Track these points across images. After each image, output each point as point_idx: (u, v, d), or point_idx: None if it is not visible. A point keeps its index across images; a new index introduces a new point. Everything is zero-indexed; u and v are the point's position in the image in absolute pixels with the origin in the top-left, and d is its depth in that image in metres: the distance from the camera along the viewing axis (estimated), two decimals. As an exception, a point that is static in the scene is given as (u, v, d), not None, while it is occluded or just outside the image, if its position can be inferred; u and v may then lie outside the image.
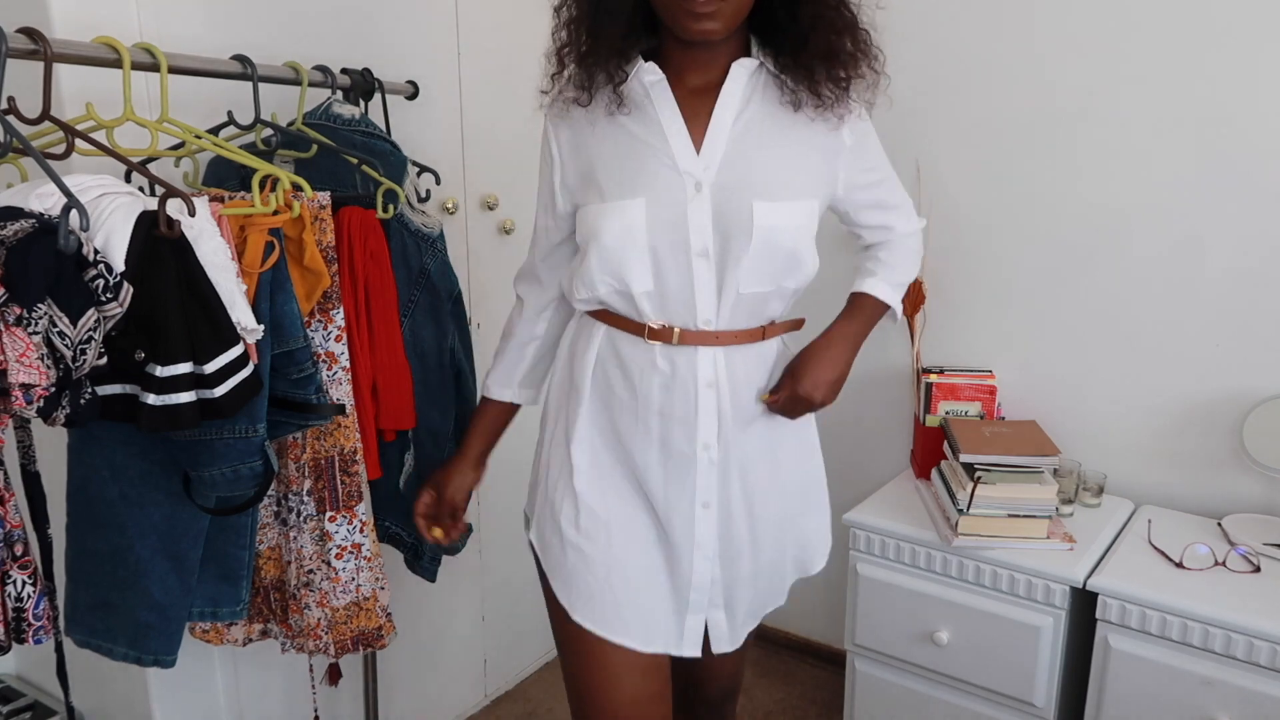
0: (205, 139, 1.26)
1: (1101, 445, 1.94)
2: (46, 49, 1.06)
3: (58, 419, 0.97)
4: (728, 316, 1.19)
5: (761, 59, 1.19)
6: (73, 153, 1.11)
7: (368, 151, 1.42)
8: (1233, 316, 1.76)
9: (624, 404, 1.24)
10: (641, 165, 1.17)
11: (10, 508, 1.02)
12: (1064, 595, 1.61)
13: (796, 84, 1.17)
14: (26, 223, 0.92)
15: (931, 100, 2.03)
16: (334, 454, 1.33)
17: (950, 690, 1.78)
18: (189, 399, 1.04)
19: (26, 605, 1.03)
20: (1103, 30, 1.81)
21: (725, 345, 1.21)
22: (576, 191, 1.24)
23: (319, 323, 1.31)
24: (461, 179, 1.99)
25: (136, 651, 1.24)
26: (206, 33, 1.47)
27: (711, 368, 1.21)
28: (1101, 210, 1.86)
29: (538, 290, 1.35)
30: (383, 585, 1.40)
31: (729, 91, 1.17)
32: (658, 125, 1.18)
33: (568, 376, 1.30)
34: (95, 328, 0.96)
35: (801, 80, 1.16)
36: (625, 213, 1.16)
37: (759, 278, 1.17)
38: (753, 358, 1.24)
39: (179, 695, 1.60)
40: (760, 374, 1.25)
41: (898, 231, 1.34)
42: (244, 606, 1.31)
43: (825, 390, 1.25)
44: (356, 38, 1.72)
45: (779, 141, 1.18)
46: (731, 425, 1.23)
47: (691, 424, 1.21)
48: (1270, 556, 1.63)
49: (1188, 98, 1.74)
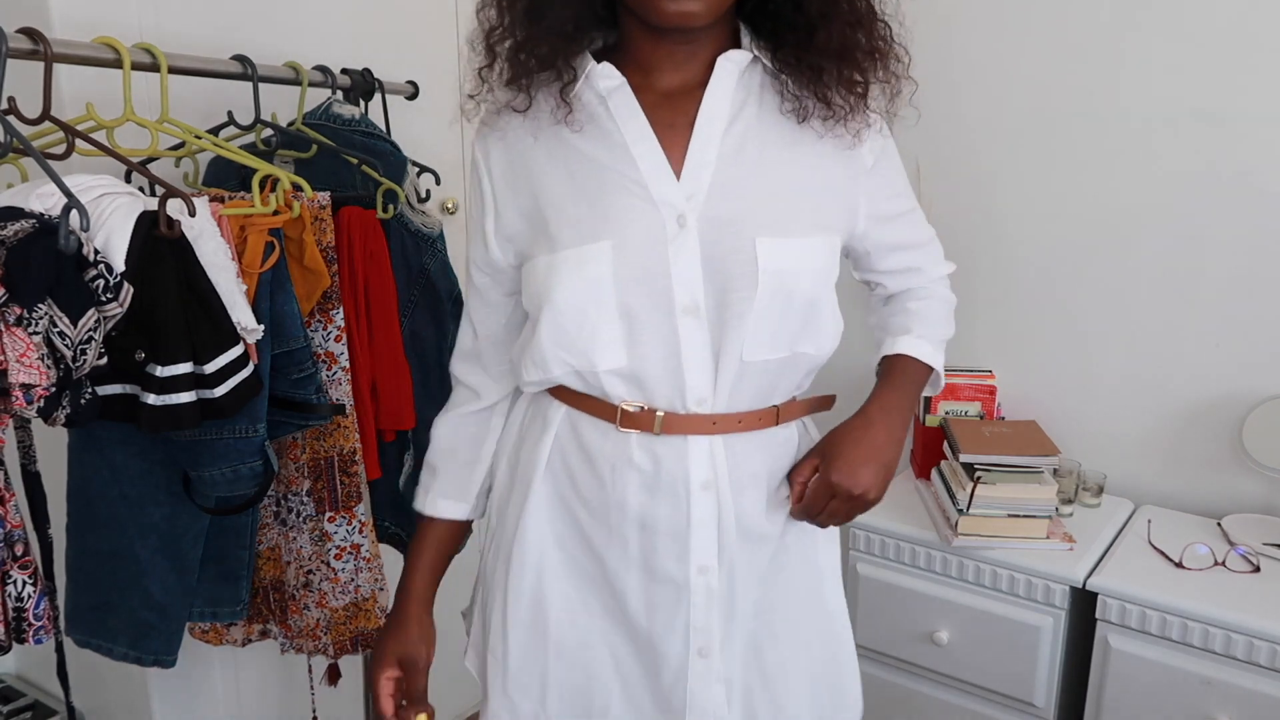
0: (205, 139, 1.26)
1: (1101, 445, 1.94)
2: (46, 49, 1.06)
3: (58, 419, 0.97)
4: (728, 394, 0.90)
5: (756, 52, 0.91)
6: (73, 153, 1.11)
7: (368, 151, 1.42)
8: (1233, 316, 1.76)
9: (594, 509, 0.94)
10: (602, 197, 0.88)
11: (10, 508, 1.02)
12: (1064, 595, 1.61)
13: (800, 88, 0.90)
14: (27, 223, 0.92)
15: (932, 100, 2.03)
16: (333, 454, 1.33)
17: (950, 690, 1.78)
18: (189, 399, 1.04)
19: (27, 605, 1.03)
20: (1103, 30, 1.81)
21: (726, 433, 0.92)
22: (518, 239, 0.94)
23: (319, 323, 1.31)
24: (462, 179, 1.99)
25: (137, 651, 1.24)
26: (206, 33, 1.47)
27: (708, 464, 0.91)
28: (1102, 210, 1.86)
29: (485, 380, 1.04)
30: (382, 586, 1.40)
31: (715, 94, 0.89)
32: (621, 143, 0.89)
33: (510, 475, 1.01)
34: (95, 328, 0.96)
35: (806, 84, 0.90)
36: (585, 264, 0.87)
37: (769, 340, 0.89)
38: (764, 449, 0.95)
39: (179, 695, 1.60)
40: (774, 471, 0.96)
41: (927, 275, 1.07)
42: (244, 607, 1.31)
43: (869, 480, 0.93)
44: (356, 38, 1.72)
45: (784, 159, 0.91)
46: (737, 541, 0.93)
47: (683, 539, 0.92)
48: (1270, 556, 1.63)
49: (1188, 98, 1.74)
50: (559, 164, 0.91)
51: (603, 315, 0.87)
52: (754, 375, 0.91)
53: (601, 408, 0.92)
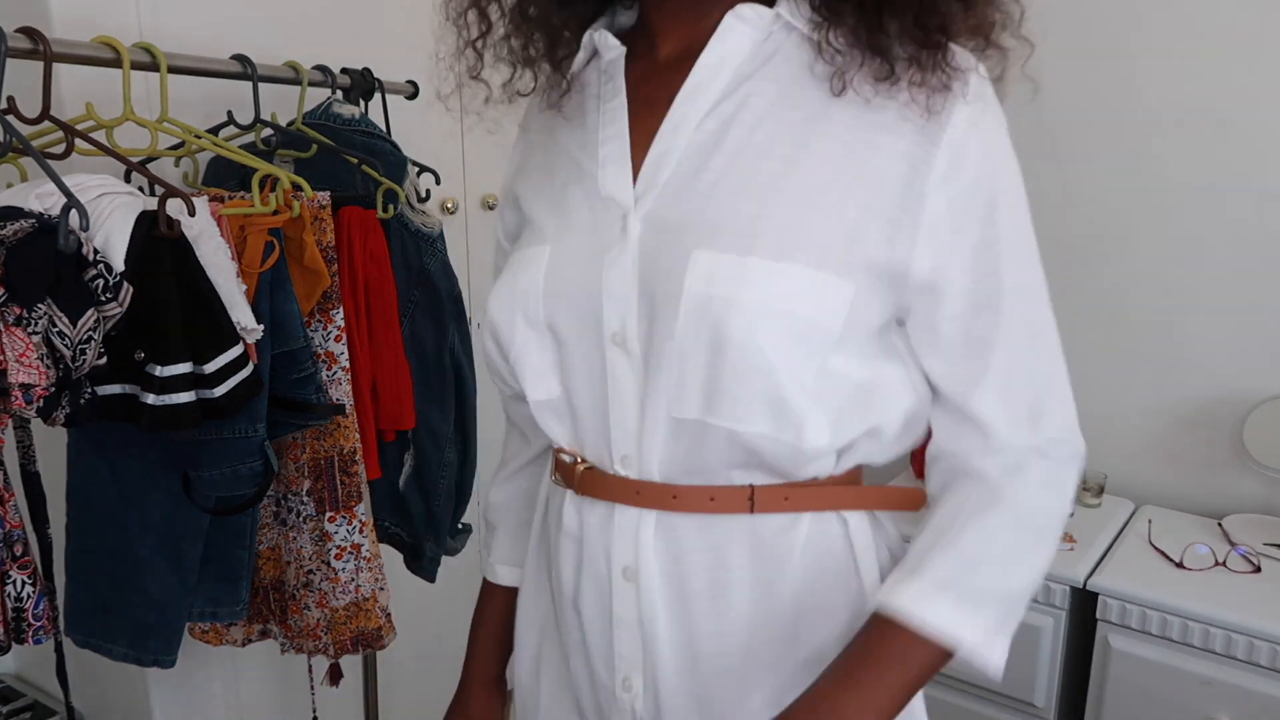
0: (205, 139, 1.25)
1: (1101, 445, 1.94)
2: (46, 49, 1.06)
3: (58, 419, 0.97)
4: (658, 457, 0.67)
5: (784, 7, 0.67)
6: (72, 153, 1.10)
7: (368, 151, 1.42)
8: (1233, 317, 1.76)
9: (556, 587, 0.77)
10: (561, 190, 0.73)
11: (10, 508, 1.02)
12: (1064, 595, 1.61)
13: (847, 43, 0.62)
14: (26, 223, 0.92)
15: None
16: (333, 454, 1.33)
17: (950, 690, 1.78)
18: (189, 399, 1.04)
19: (26, 605, 1.03)
20: (1103, 30, 1.81)
21: (658, 509, 0.67)
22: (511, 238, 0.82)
23: (319, 323, 1.31)
24: (461, 179, 1.99)
25: (136, 651, 1.23)
26: (206, 33, 1.47)
27: (630, 546, 0.68)
28: (1102, 210, 1.86)
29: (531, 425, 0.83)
30: (382, 586, 1.40)
31: (708, 63, 0.66)
32: (593, 124, 0.72)
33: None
34: (95, 328, 0.96)
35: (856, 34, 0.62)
36: (520, 270, 0.72)
37: (699, 395, 0.64)
38: (726, 542, 0.67)
39: (179, 695, 1.60)
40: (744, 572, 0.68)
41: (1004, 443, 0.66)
42: (244, 607, 1.31)
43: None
44: (356, 38, 1.72)
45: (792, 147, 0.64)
46: (669, 657, 0.69)
47: (607, 639, 0.71)
48: (1270, 556, 1.63)
49: (1188, 97, 1.74)
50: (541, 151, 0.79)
51: (532, 334, 0.71)
52: (692, 438, 0.65)
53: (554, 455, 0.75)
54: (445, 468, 1.55)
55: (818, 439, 0.64)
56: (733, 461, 0.66)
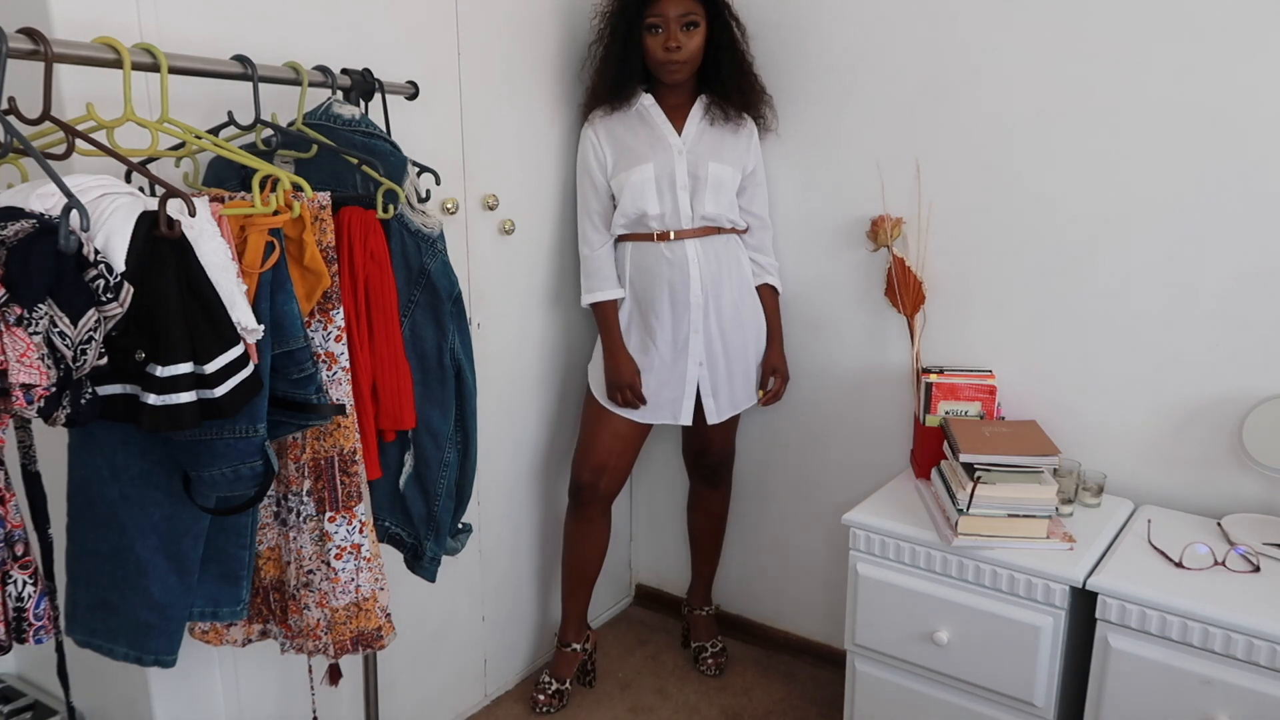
0: (205, 139, 1.26)
1: (1101, 445, 1.94)
2: (46, 49, 1.06)
3: (58, 419, 0.97)
4: (697, 222, 2.10)
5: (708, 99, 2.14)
6: (73, 153, 1.11)
7: (368, 151, 1.42)
8: (1232, 317, 1.76)
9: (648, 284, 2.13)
10: (650, 145, 2.10)
11: (11, 508, 1.02)
12: (1064, 595, 1.61)
13: (722, 107, 2.12)
14: (27, 223, 0.92)
15: (931, 100, 2.03)
16: (334, 454, 1.33)
17: (950, 690, 1.78)
18: (189, 399, 1.04)
19: (27, 605, 1.04)
20: (1103, 30, 1.81)
21: (700, 238, 2.11)
22: (609, 167, 2.13)
23: (319, 323, 1.31)
24: (461, 179, 2.00)
25: (137, 651, 1.24)
26: (206, 33, 1.47)
27: (695, 254, 2.10)
28: (1102, 209, 1.87)
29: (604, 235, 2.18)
30: (382, 586, 1.40)
31: (694, 112, 2.14)
32: (657, 123, 2.13)
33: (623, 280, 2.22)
34: (95, 328, 0.97)
35: (724, 108, 2.12)
36: (643, 168, 2.08)
37: (713, 201, 2.08)
38: (720, 250, 2.13)
39: (179, 695, 1.60)
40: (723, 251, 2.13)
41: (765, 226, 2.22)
42: (244, 607, 1.31)
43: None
44: (356, 38, 1.72)
45: (719, 137, 2.12)
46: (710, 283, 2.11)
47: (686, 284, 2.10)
48: (1270, 556, 1.63)
49: (1188, 97, 1.74)
50: (628, 133, 2.13)
51: (648, 190, 2.07)
52: (707, 217, 2.10)
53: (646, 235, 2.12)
54: (445, 468, 1.55)
55: (733, 211, 2.15)
56: (719, 221, 2.13)
